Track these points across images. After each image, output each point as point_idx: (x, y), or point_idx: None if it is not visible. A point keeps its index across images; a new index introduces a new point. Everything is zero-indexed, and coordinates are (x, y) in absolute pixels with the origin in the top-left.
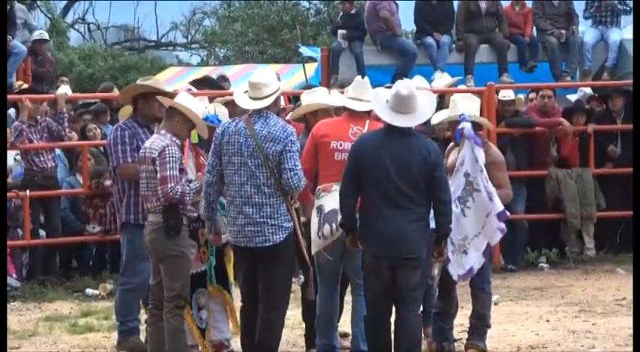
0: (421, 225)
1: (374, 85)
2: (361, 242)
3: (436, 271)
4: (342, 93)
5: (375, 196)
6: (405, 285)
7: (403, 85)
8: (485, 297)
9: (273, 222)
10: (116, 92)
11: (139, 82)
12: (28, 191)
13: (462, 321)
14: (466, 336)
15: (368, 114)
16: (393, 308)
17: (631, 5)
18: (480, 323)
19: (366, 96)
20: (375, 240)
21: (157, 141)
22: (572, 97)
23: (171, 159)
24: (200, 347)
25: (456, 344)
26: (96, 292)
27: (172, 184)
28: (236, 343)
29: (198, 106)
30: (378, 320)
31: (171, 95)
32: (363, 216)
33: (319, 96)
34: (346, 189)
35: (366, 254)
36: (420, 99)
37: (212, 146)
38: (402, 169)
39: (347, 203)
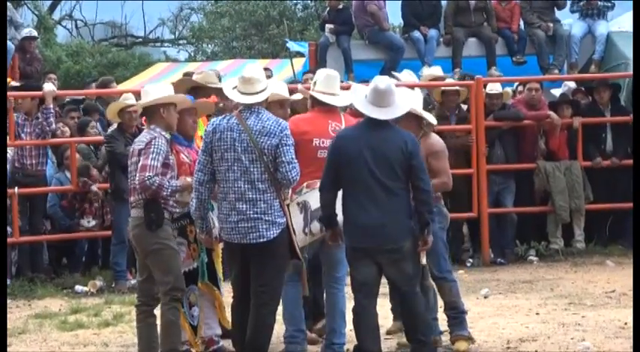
0: (402, 216)
1: (362, 80)
2: (343, 235)
3: (424, 260)
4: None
5: (355, 189)
6: (398, 278)
7: (381, 80)
8: (450, 285)
9: (267, 218)
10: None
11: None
12: (16, 188)
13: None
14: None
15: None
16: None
17: (613, 1)
18: (454, 313)
19: (337, 90)
20: (356, 231)
21: (146, 134)
22: (557, 91)
23: (155, 149)
24: (191, 344)
25: (442, 336)
26: (85, 289)
27: (150, 173)
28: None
29: (164, 90)
30: (365, 307)
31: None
32: (345, 209)
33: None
34: (327, 183)
35: (348, 246)
36: (397, 94)
37: (202, 144)
38: (381, 161)
39: (328, 197)
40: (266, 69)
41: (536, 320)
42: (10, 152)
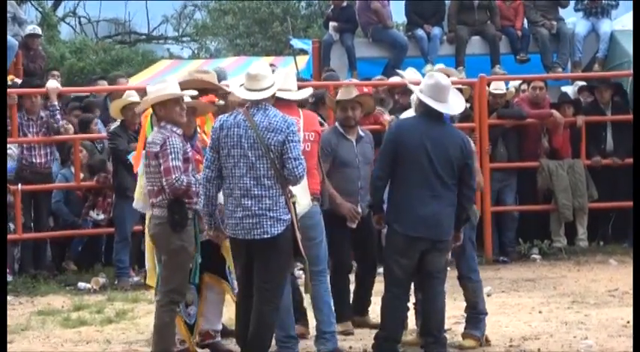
0: (452, 210)
1: (365, 77)
2: (389, 222)
3: (449, 256)
4: None
5: (412, 179)
6: (434, 267)
7: (441, 76)
8: (474, 286)
9: (271, 215)
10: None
11: (195, 75)
12: (19, 185)
13: (455, 313)
14: (461, 327)
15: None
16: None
17: (617, 0)
18: (472, 312)
19: (293, 85)
20: (413, 222)
21: (158, 134)
22: (568, 88)
23: (172, 150)
24: (187, 343)
25: (446, 334)
26: (88, 286)
27: (177, 174)
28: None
29: (168, 86)
30: (398, 299)
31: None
32: (399, 198)
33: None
34: (382, 172)
35: (399, 235)
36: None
37: (210, 140)
38: (441, 155)
39: (381, 185)
40: (271, 65)
41: (538, 319)
42: (13, 149)
